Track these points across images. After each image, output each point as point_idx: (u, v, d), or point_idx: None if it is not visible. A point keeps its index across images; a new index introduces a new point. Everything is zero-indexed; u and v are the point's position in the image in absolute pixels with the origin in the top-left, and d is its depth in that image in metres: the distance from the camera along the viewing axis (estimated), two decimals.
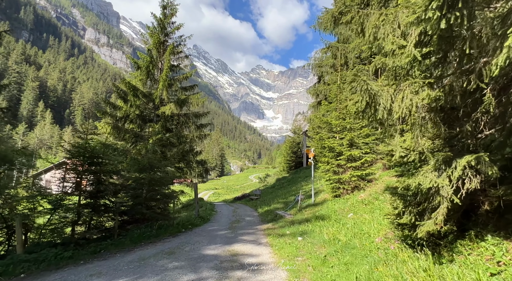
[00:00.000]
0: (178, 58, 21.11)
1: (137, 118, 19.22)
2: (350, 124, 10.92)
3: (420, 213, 4.46)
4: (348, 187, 10.53)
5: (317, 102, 21.78)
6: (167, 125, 20.50)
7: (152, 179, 9.30)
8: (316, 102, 21.81)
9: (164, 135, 18.98)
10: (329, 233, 7.99)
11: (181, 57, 21.23)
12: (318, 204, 11.27)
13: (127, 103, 18.72)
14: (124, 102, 18.79)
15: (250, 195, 24.72)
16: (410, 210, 4.53)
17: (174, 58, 20.81)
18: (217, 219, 12.35)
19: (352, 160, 10.81)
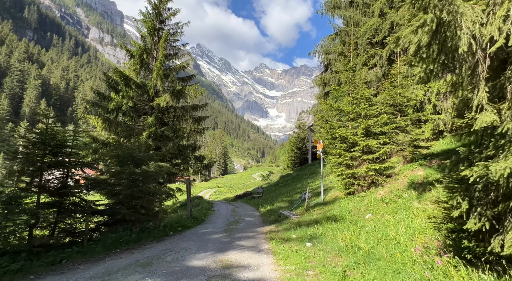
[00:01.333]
0: (174, 47, 19.69)
1: (130, 111, 17.86)
2: (365, 110, 9.41)
3: (498, 216, 2.97)
4: (363, 182, 9.03)
5: (324, 93, 20.23)
6: (163, 118, 19.17)
7: (134, 174, 7.90)
8: (322, 93, 20.26)
9: (158, 128, 17.65)
10: (345, 238, 6.52)
11: (178, 46, 19.81)
12: (328, 203, 9.80)
13: (118, 94, 17.38)
14: (115, 93, 17.44)
15: (252, 193, 23.30)
16: (480, 211, 3.03)
17: (170, 46, 19.43)
18: (213, 220, 10.95)
19: (368, 151, 9.31)
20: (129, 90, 17.46)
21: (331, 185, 12.46)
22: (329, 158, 9.84)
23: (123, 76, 16.82)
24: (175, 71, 19.54)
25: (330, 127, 9.85)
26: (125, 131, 17.71)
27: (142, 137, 16.18)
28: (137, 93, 18.17)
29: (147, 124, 17.09)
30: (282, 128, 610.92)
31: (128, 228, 7.41)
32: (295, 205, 11.80)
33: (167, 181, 19.44)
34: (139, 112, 18.41)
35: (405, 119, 9.76)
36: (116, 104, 17.36)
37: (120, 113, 17.83)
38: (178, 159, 19.49)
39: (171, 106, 19.45)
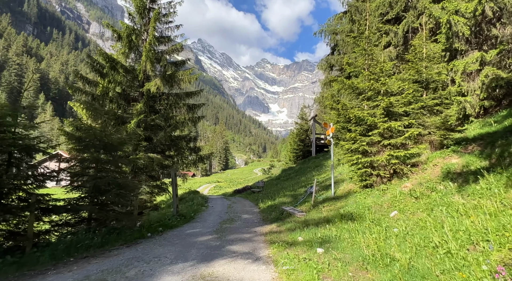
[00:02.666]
0: (167, 29, 18.02)
1: (118, 98, 16.28)
2: (386, 86, 7.76)
3: None
4: (384, 172, 7.42)
5: (329, 80, 18.52)
6: (155, 106, 17.59)
7: (100, 161, 6.33)
8: (328, 79, 18.53)
9: (149, 116, 16.09)
10: (369, 243, 4.96)
11: (171, 27, 18.12)
12: (340, 198, 8.21)
13: (105, 80, 15.77)
14: (101, 78, 15.84)
15: (252, 187, 21.77)
16: None
17: (162, 27, 17.77)
18: (204, 217, 9.41)
19: (390, 135, 7.68)
20: (116, 74, 15.88)
21: (341, 177, 10.87)
22: (340, 145, 8.22)
23: (108, 59, 15.22)
24: (167, 54, 17.91)
25: (343, 107, 8.21)
26: (112, 120, 16.19)
27: (130, 126, 14.62)
28: (126, 78, 16.58)
29: (136, 111, 15.50)
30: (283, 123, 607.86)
31: (91, 230, 5.87)
32: (299, 200, 10.23)
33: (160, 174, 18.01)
34: (128, 99, 16.81)
35: (433, 97, 8.10)
36: (103, 90, 15.78)
37: (107, 100, 16.25)
38: (171, 150, 17.99)
39: (163, 93, 17.92)
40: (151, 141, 16.68)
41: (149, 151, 17.00)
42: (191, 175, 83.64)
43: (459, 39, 11.91)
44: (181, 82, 17.58)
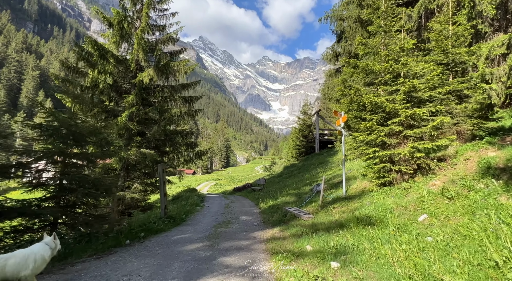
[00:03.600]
0: (162, 17, 16.90)
1: (109, 89, 15.20)
2: (408, 67, 6.61)
3: None
4: (407, 168, 6.28)
5: (335, 70, 17.33)
6: (149, 98, 16.50)
7: (66, 155, 5.24)
8: (334, 70, 17.35)
9: (141, 109, 15.00)
10: (399, 257, 3.86)
11: (166, 15, 16.99)
12: (353, 197, 7.10)
13: (94, 70, 14.67)
14: (91, 68, 14.74)
15: (253, 185, 20.67)
16: None
17: (156, 15, 16.65)
18: (197, 219, 8.32)
19: (412, 124, 6.54)
20: (106, 64, 14.78)
21: (352, 174, 9.74)
22: (353, 136, 7.10)
23: (97, 47, 14.10)
24: (161, 43, 16.79)
25: (356, 93, 7.06)
26: (103, 113, 15.13)
27: (121, 119, 13.54)
28: (117, 69, 15.49)
29: (127, 104, 14.41)
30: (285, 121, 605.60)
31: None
32: (305, 200, 9.13)
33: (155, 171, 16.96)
34: (120, 91, 15.70)
35: (462, 80, 6.94)
36: (92, 82, 14.69)
37: (97, 92, 15.16)
38: (166, 146, 16.92)
39: (158, 85, 16.83)
40: (144, 135, 15.63)
41: (142, 146, 15.95)
42: (192, 172, 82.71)
43: (483, 20, 10.71)
44: (177, 74, 16.48)
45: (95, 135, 5.84)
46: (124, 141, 15.02)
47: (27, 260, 3.13)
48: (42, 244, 3.42)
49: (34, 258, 3.18)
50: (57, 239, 3.60)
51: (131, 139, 15.19)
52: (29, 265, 3.09)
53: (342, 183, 9.19)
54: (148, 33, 16.32)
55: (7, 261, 3.00)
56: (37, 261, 3.18)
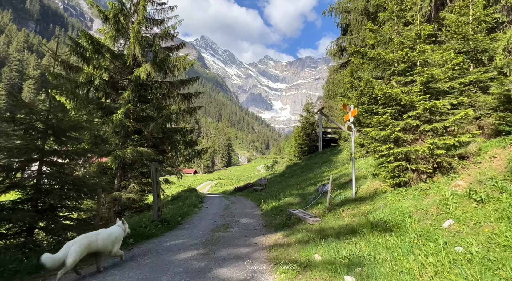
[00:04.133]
0: (160, 11, 16.30)
1: (105, 85, 14.66)
2: (425, 55, 5.96)
3: None
4: (425, 167, 5.63)
5: (339, 66, 16.66)
6: (146, 95, 15.93)
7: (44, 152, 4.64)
8: (338, 65, 16.68)
9: (138, 106, 14.43)
10: (428, 273, 3.23)
11: (164, 9, 16.37)
12: (365, 199, 6.46)
13: (89, 65, 14.12)
14: (86, 63, 14.19)
15: (254, 185, 20.04)
16: None
17: (154, 9, 16.06)
18: (193, 222, 7.71)
19: (429, 119, 5.89)
20: (101, 59, 14.22)
21: (360, 174, 9.08)
22: (364, 132, 6.46)
23: (91, 40, 13.52)
24: (159, 38, 16.19)
25: (367, 84, 6.42)
26: (98, 110, 14.57)
27: (116, 116, 12.97)
28: (114, 64, 14.92)
29: (123, 100, 13.84)
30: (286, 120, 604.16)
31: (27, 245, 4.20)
32: (310, 201, 8.49)
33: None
34: (117, 88, 15.13)
35: (485, 70, 6.28)
36: (87, 78, 14.14)
37: (92, 88, 14.60)
38: (164, 144, 16.35)
39: (156, 82, 16.26)
40: (141, 133, 15.06)
41: (140, 144, 15.39)
42: (193, 172, 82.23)
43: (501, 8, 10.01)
44: (175, 69, 15.92)
45: (77, 130, 5.24)
46: (121, 139, 14.46)
47: (110, 236, 4.10)
48: (117, 226, 4.40)
49: (115, 236, 4.19)
50: (126, 223, 4.57)
51: (127, 138, 14.64)
52: (112, 240, 4.09)
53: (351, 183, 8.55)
54: (146, 27, 15.76)
55: (98, 236, 3.94)
56: (117, 237, 4.22)
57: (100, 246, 3.91)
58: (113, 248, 4.08)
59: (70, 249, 3.57)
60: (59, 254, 3.50)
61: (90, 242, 3.78)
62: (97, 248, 3.88)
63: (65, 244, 3.67)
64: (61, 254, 3.50)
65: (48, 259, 3.39)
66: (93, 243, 3.81)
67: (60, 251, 3.54)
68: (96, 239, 3.86)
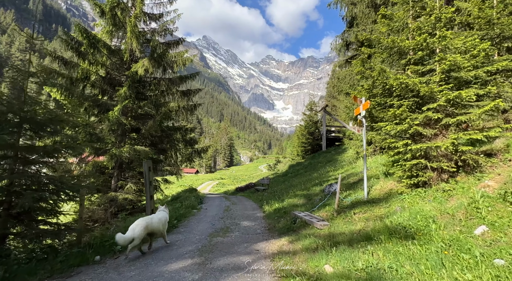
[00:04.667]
0: (159, 4, 15.74)
1: (102, 82, 14.15)
2: (446, 41, 5.35)
3: None
4: (447, 164, 5.02)
5: (345, 61, 16.03)
6: (144, 92, 15.43)
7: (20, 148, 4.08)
8: (343, 60, 16.05)
9: (135, 103, 13.90)
10: None
11: (163, 3, 15.82)
12: (378, 201, 5.85)
13: (85, 61, 13.62)
14: (81, 59, 13.68)
15: (256, 185, 19.45)
16: None
17: (152, 3, 15.53)
18: (190, 226, 7.13)
19: (451, 112, 5.27)
20: (97, 54, 13.71)
21: (370, 173, 8.45)
22: (377, 127, 5.84)
23: (87, 34, 13.02)
24: (158, 34, 15.66)
25: (380, 74, 5.80)
26: (94, 107, 14.07)
27: (112, 113, 12.43)
28: (110, 60, 14.39)
29: (120, 97, 13.31)
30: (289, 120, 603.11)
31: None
32: (316, 202, 7.89)
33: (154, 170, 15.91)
34: (114, 84, 14.60)
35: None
36: (83, 74, 13.61)
37: (88, 85, 14.11)
38: (163, 143, 15.82)
39: (155, 78, 15.76)
40: (139, 132, 14.55)
41: (138, 143, 14.88)
42: (195, 171, 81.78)
43: None
44: (175, 65, 15.39)
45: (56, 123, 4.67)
46: (118, 137, 13.95)
47: (161, 220, 4.91)
48: (162, 211, 5.20)
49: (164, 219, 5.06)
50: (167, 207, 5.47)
51: (125, 136, 14.13)
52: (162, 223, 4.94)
53: (360, 183, 7.95)
54: (145, 22, 15.26)
55: (152, 220, 4.75)
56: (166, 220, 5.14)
57: (155, 228, 4.81)
58: (163, 230, 5.06)
59: (135, 230, 4.39)
60: (128, 234, 4.29)
61: (147, 224, 4.62)
62: (152, 229, 4.75)
63: (130, 226, 4.48)
64: (129, 234, 4.31)
65: (121, 238, 4.20)
66: (149, 225, 4.65)
67: (128, 232, 4.33)
68: (152, 222, 4.74)
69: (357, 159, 13.36)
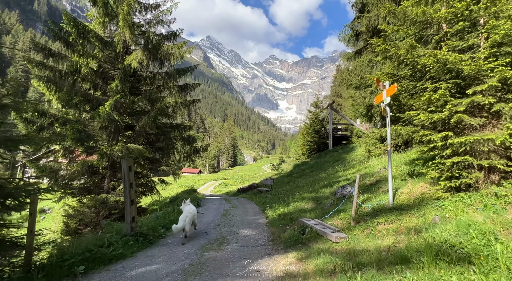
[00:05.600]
0: None
1: (94, 75, 13.24)
2: (497, 7, 4.25)
3: None
4: (500, 162, 3.93)
5: (354, 52, 14.89)
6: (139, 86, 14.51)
7: None
8: (353, 52, 14.90)
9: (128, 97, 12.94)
10: None
11: None
12: (407, 208, 4.72)
13: (74, 53, 12.68)
14: (70, 50, 12.76)
15: (259, 186, 18.37)
16: None
17: None
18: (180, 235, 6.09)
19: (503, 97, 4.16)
20: (88, 45, 12.76)
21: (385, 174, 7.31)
22: (406, 116, 4.75)
23: (75, 23, 12.11)
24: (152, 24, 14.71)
25: (410, 51, 4.71)
26: (85, 102, 13.14)
27: (103, 109, 11.47)
28: (103, 53, 13.45)
29: (111, 91, 12.37)
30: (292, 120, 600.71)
31: None
32: (327, 207, 6.79)
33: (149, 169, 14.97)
34: (107, 78, 13.68)
35: None
36: (72, 66, 12.69)
37: (79, 79, 13.19)
38: (160, 141, 14.86)
39: (151, 72, 14.82)
40: (133, 129, 13.60)
41: (134, 142, 13.93)
42: (197, 171, 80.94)
43: None
44: (171, 58, 14.41)
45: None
46: (111, 135, 13.02)
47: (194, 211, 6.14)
48: (191, 205, 6.29)
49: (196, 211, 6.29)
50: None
51: (118, 134, 13.19)
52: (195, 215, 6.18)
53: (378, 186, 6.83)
54: (140, 12, 14.33)
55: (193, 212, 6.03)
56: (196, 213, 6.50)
57: (194, 218, 5.97)
58: (195, 220, 6.20)
59: (185, 221, 5.56)
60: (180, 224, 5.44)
61: (192, 215, 5.83)
62: (193, 219, 5.92)
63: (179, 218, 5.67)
64: (181, 224, 5.46)
65: (175, 228, 5.37)
66: (191, 216, 5.77)
67: (179, 223, 5.49)
68: (193, 214, 5.88)
69: (369, 157, 12.23)
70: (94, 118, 12.18)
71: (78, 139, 11.32)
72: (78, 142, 11.49)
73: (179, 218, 5.62)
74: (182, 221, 5.49)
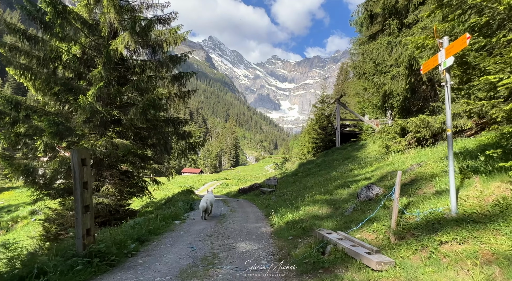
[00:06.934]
0: None
1: (77, 63, 11.85)
2: None
3: None
4: None
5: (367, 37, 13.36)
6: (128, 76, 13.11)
7: None
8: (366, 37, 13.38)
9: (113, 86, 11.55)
10: None
11: None
12: (483, 219, 3.21)
13: (53, 36, 11.28)
14: (46, 32, 11.36)
15: (262, 186, 16.81)
16: None
17: None
18: (157, 252, 4.55)
19: None
20: (68, 27, 11.39)
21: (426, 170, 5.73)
22: (481, 83, 3.23)
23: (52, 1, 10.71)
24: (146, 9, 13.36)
25: None
26: (67, 92, 11.73)
27: (84, 98, 10.03)
28: (86, 37, 12.04)
29: (93, 78, 10.97)
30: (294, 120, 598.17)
31: None
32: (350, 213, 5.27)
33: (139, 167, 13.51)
34: (93, 66, 12.27)
35: None
36: (52, 52, 11.29)
37: (60, 66, 11.78)
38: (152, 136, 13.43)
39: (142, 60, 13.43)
40: (120, 122, 12.17)
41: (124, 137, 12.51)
42: (199, 171, 79.48)
43: None
44: (164, 44, 13.00)
45: None
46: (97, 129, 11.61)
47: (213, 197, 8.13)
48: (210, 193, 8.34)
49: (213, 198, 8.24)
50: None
51: (104, 128, 11.76)
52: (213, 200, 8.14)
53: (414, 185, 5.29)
54: None
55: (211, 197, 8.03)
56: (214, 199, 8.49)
57: (212, 202, 8.09)
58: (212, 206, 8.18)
59: (207, 202, 7.68)
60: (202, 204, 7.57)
61: (211, 199, 7.96)
62: (211, 203, 7.96)
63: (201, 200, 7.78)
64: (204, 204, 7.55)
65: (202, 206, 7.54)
66: (211, 200, 7.93)
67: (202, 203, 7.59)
68: (212, 198, 8.08)
69: (386, 154, 10.68)
70: (77, 110, 10.78)
71: (56, 133, 9.89)
72: (57, 136, 10.07)
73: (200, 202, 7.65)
74: (204, 202, 7.43)
